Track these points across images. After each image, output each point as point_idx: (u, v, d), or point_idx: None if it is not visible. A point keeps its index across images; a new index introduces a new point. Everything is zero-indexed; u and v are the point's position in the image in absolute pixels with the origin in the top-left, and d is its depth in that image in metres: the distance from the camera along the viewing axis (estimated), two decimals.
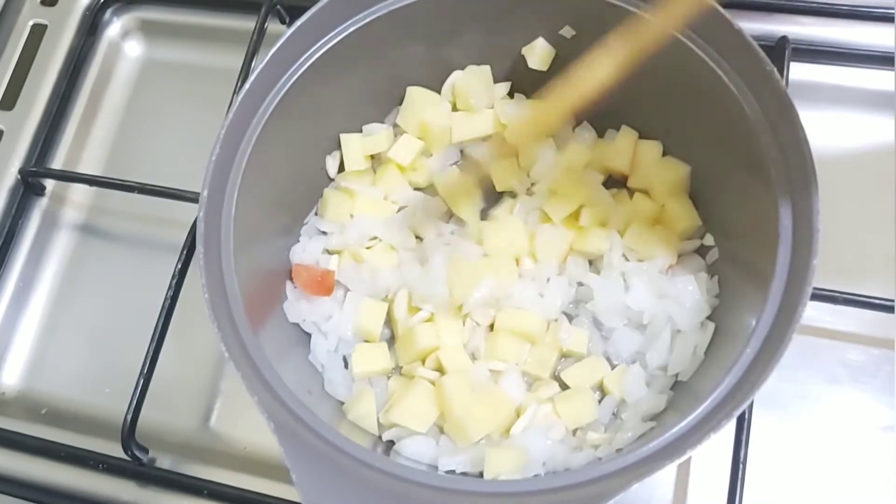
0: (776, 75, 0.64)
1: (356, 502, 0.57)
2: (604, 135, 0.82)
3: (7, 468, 0.80)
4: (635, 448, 0.58)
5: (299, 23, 0.70)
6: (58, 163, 0.96)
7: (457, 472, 0.67)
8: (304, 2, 0.72)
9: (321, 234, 0.81)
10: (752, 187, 0.66)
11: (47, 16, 1.01)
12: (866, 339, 0.75)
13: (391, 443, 0.71)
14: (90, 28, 1.00)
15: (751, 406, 0.68)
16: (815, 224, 0.60)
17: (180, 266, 0.78)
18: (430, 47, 0.79)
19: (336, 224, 0.80)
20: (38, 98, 0.96)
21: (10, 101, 0.97)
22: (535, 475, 0.66)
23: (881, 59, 0.81)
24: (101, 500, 0.77)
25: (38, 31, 1.00)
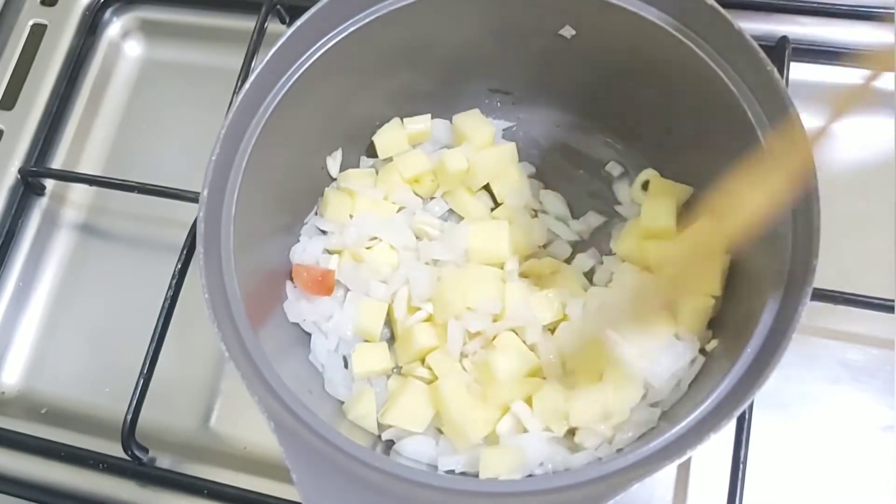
0: (776, 75, 0.64)
1: (356, 502, 0.57)
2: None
3: (7, 468, 0.80)
4: (635, 448, 0.58)
5: (299, 23, 0.70)
6: (58, 163, 0.96)
7: (456, 471, 0.67)
8: (304, 2, 0.72)
9: (321, 233, 0.81)
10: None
11: (47, 16, 1.01)
12: (866, 339, 0.75)
13: (391, 442, 0.71)
14: (90, 28, 0.99)
15: (751, 406, 0.68)
16: (816, 224, 0.60)
17: (180, 266, 0.78)
18: (432, 48, 0.79)
19: (336, 224, 0.80)
20: (38, 98, 0.96)
21: (10, 101, 0.97)
22: (535, 475, 0.66)
23: None
24: (101, 499, 0.77)
25: (37, 31, 1.00)
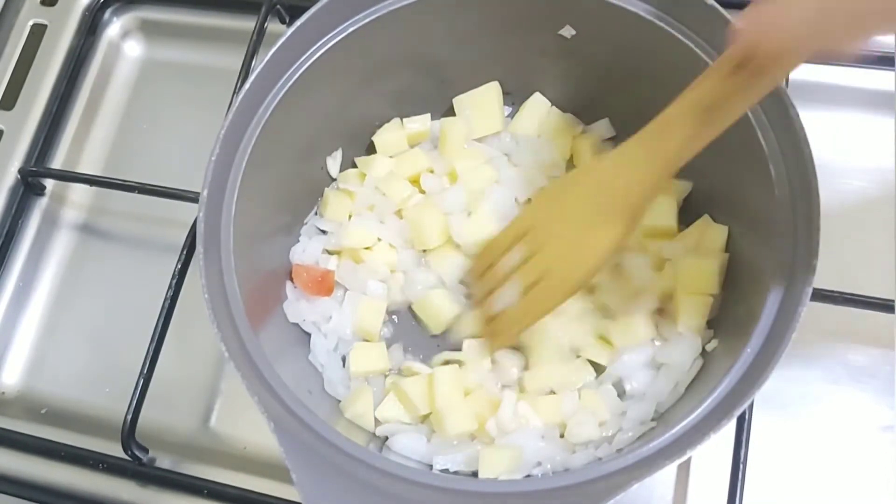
0: None
1: (356, 502, 0.57)
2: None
3: (7, 468, 0.80)
4: (635, 448, 0.58)
5: (299, 23, 0.70)
6: (58, 163, 0.95)
7: (451, 471, 0.67)
8: (304, 2, 0.72)
9: (321, 233, 0.81)
10: (752, 187, 0.66)
11: (47, 16, 1.00)
12: (866, 339, 0.74)
13: (387, 439, 0.71)
14: (90, 28, 0.99)
15: (751, 406, 0.68)
16: (815, 224, 0.60)
17: (180, 266, 0.78)
18: (432, 48, 0.79)
19: (336, 224, 0.80)
20: (37, 98, 0.96)
21: (10, 101, 0.96)
22: (534, 476, 0.66)
23: (881, 59, 0.81)
24: (101, 500, 0.77)
25: (37, 31, 1.00)
